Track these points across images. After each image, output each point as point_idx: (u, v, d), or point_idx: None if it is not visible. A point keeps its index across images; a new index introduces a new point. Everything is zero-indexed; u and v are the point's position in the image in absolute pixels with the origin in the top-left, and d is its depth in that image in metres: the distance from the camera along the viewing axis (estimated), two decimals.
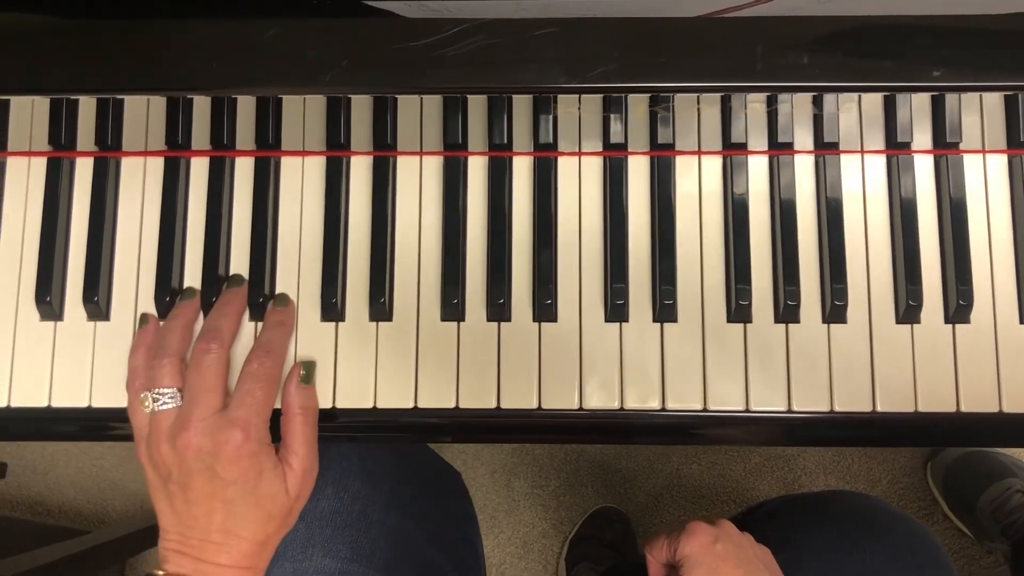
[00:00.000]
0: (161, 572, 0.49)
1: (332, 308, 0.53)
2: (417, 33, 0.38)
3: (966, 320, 0.52)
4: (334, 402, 0.53)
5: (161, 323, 0.54)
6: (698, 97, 0.54)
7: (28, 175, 0.56)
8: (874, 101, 0.54)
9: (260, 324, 0.54)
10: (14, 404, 0.54)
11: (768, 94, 0.52)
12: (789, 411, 0.52)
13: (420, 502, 0.66)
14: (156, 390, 0.50)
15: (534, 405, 0.53)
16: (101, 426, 0.55)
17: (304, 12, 0.42)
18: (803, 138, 0.54)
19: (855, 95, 0.54)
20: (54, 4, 0.40)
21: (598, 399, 0.52)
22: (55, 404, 0.54)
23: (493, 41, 0.37)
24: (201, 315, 0.54)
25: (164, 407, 0.50)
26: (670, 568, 0.57)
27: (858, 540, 0.64)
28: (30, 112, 0.56)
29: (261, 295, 0.54)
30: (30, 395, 0.54)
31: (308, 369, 0.52)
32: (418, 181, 0.55)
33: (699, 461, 1.27)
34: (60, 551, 0.93)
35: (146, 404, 0.50)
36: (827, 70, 0.40)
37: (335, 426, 0.54)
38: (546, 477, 1.28)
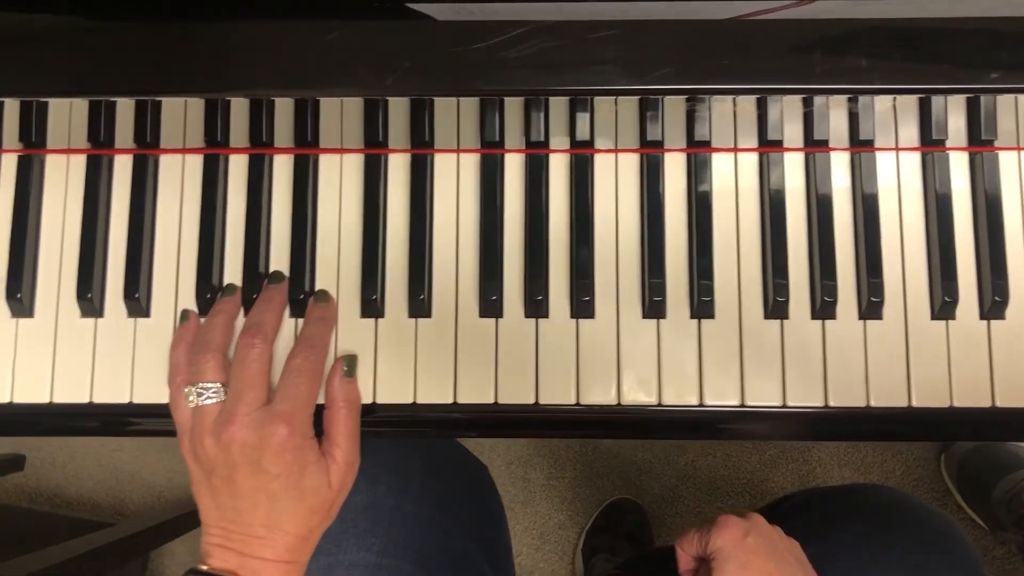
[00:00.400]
0: (205, 567, 0.49)
1: (372, 304, 0.54)
2: (478, 35, 0.39)
3: (1001, 316, 0.53)
4: (374, 397, 0.53)
5: (202, 320, 0.54)
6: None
7: (67, 172, 0.56)
8: (909, 98, 0.55)
9: (300, 321, 0.54)
10: (56, 400, 0.54)
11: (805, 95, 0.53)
12: (825, 406, 0.52)
13: (452, 495, 0.67)
14: (200, 385, 0.50)
15: (572, 401, 0.53)
16: (130, 423, 0.56)
17: (347, 14, 0.42)
18: (838, 135, 0.55)
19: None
20: (123, 7, 0.40)
21: (636, 395, 0.53)
22: (96, 400, 0.54)
23: (554, 43, 0.38)
24: (241, 312, 0.54)
25: (208, 402, 0.50)
26: (700, 561, 0.57)
27: (889, 534, 0.64)
28: (68, 110, 0.57)
29: (301, 292, 0.54)
30: (72, 391, 0.54)
31: (350, 363, 0.53)
32: (455, 178, 0.55)
33: (714, 453, 1.27)
34: (83, 545, 0.93)
35: (190, 399, 0.51)
36: (886, 73, 0.40)
37: (374, 420, 0.54)
38: (562, 469, 1.29)
